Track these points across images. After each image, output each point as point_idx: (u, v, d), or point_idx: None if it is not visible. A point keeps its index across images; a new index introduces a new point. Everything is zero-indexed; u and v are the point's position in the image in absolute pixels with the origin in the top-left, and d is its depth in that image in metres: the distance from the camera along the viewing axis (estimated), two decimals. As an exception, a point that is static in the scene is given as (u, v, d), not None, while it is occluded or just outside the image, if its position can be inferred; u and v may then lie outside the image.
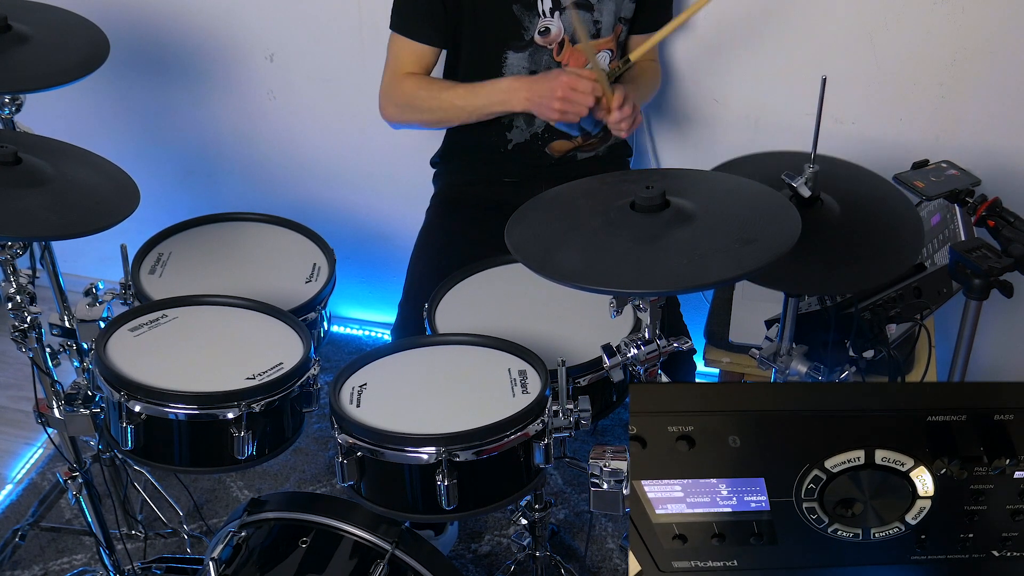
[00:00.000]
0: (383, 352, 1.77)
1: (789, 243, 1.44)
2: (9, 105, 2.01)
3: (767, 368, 1.74)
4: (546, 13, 2.15)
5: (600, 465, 1.54)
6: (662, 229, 1.49)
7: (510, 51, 2.17)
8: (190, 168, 2.94)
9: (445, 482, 1.55)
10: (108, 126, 2.89)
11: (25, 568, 2.32)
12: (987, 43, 2.26)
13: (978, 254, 1.57)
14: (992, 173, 2.11)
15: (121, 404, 1.63)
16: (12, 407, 2.78)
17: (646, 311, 1.57)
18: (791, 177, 1.56)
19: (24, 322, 1.85)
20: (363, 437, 1.58)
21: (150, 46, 2.71)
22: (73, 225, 1.62)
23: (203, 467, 1.74)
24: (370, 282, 2.94)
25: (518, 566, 2.13)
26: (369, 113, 2.27)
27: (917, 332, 1.94)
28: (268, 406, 1.65)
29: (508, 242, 1.54)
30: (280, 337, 1.78)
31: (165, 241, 2.04)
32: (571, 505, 2.47)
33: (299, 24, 2.62)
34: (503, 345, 1.74)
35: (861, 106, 2.39)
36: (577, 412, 1.62)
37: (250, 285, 1.91)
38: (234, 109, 2.79)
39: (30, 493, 2.51)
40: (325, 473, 2.55)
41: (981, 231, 1.69)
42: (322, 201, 2.85)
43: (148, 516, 2.38)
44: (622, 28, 2.24)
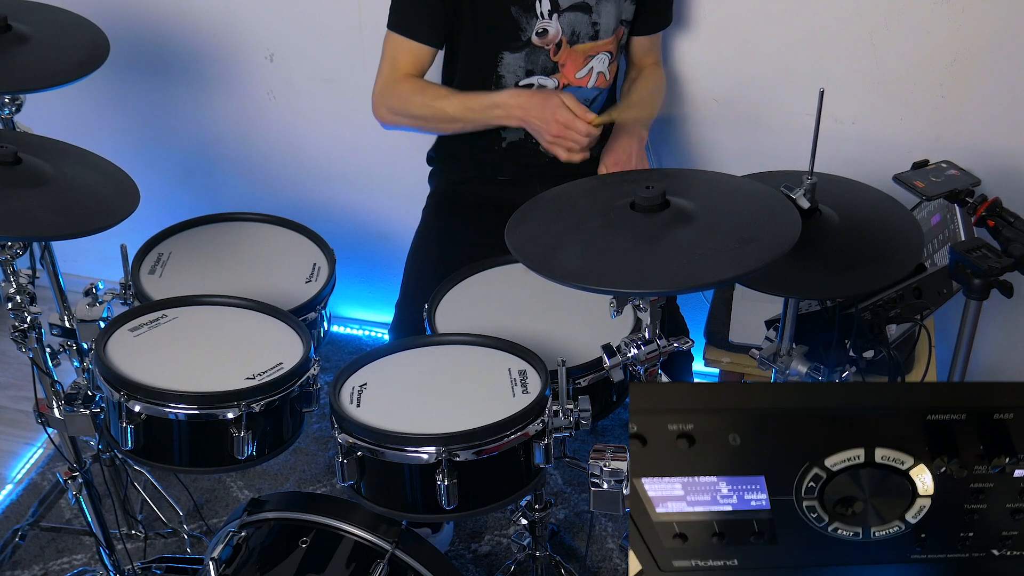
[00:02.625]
0: (383, 352, 1.77)
1: (789, 243, 1.44)
2: (9, 105, 2.01)
3: (767, 368, 1.74)
4: (544, 15, 2.14)
5: (600, 465, 1.54)
6: (662, 229, 1.49)
7: (506, 51, 2.17)
8: (190, 168, 2.94)
9: (445, 482, 1.55)
10: (108, 126, 2.89)
11: (25, 568, 2.32)
12: (987, 43, 2.26)
13: (978, 254, 1.57)
14: (992, 173, 2.11)
15: (121, 404, 1.63)
16: (12, 407, 2.79)
17: (646, 311, 1.57)
18: (790, 189, 1.57)
19: (24, 322, 1.85)
20: (363, 437, 1.58)
21: (150, 46, 2.72)
22: (73, 225, 1.63)
23: (203, 467, 1.74)
24: (370, 282, 2.94)
25: (518, 566, 2.13)
26: (369, 113, 2.27)
27: (917, 332, 1.94)
28: (268, 406, 1.65)
29: (508, 242, 1.54)
30: (280, 337, 1.78)
31: (165, 241, 2.04)
32: (571, 505, 2.47)
33: (299, 24, 2.62)
34: (503, 345, 1.74)
35: (861, 106, 2.39)
36: (577, 412, 1.62)
37: (250, 285, 1.91)
38: (234, 109, 2.79)
39: (30, 493, 2.51)
40: (325, 473, 2.55)
41: (981, 231, 1.69)
42: (322, 201, 2.85)
43: (148, 516, 2.38)
44: (623, 31, 2.24)
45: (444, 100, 2.16)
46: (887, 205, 1.69)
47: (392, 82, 2.18)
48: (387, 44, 2.19)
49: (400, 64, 2.18)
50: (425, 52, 2.17)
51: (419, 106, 2.17)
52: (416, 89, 2.17)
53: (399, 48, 2.17)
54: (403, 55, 2.17)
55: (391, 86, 2.19)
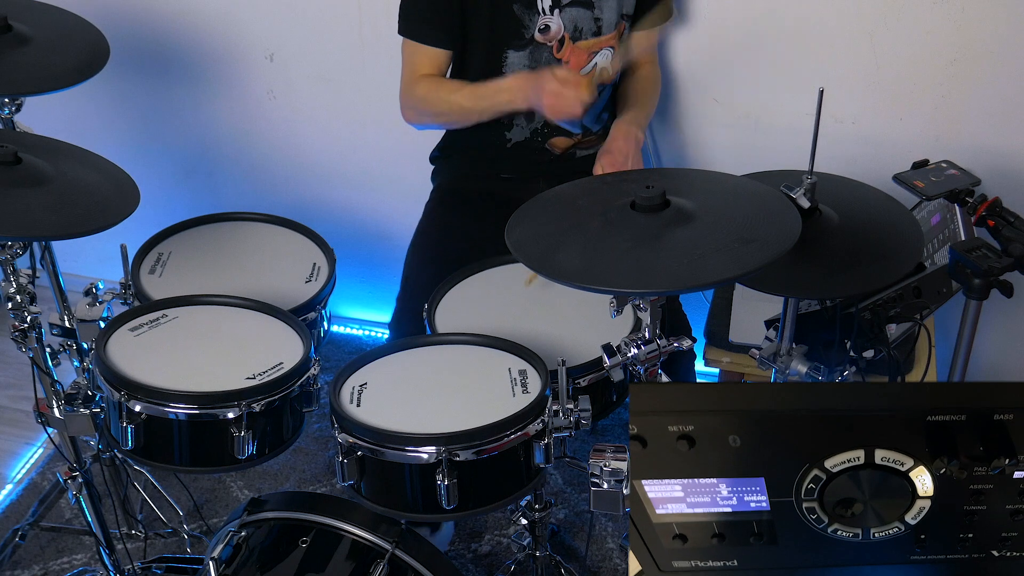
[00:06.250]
0: (383, 352, 1.77)
1: (789, 243, 1.44)
2: (9, 105, 2.01)
3: (767, 368, 1.74)
4: (545, 11, 2.15)
5: (600, 465, 1.54)
6: (662, 229, 1.49)
7: (511, 50, 2.17)
8: (190, 168, 2.94)
9: (445, 482, 1.55)
10: (108, 126, 2.89)
11: (25, 568, 2.32)
12: (987, 43, 2.26)
13: (978, 254, 1.57)
14: (992, 173, 2.11)
15: (121, 404, 1.63)
16: (12, 407, 2.79)
17: (646, 311, 1.57)
18: (790, 189, 1.57)
19: (24, 322, 1.85)
20: (363, 437, 1.58)
21: (150, 46, 2.72)
22: (73, 225, 1.62)
23: (203, 467, 1.74)
24: (370, 282, 2.94)
25: (518, 566, 2.13)
26: (369, 112, 2.27)
27: (917, 332, 1.94)
28: (268, 406, 1.65)
29: (508, 242, 1.54)
30: (280, 337, 1.78)
31: (165, 241, 2.04)
32: (571, 505, 2.47)
33: (299, 24, 2.62)
34: (503, 345, 1.74)
35: (861, 106, 2.39)
36: (577, 412, 1.62)
37: (250, 285, 1.91)
38: (234, 109, 2.79)
39: (30, 493, 2.51)
40: (325, 473, 2.55)
41: (981, 231, 1.69)
42: (322, 200, 2.85)
43: (148, 516, 2.38)
44: (625, 25, 2.24)
45: (457, 93, 2.19)
46: (887, 205, 1.69)
47: (411, 84, 2.21)
48: (404, 50, 2.21)
49: (418, 68, 2.20)
50: (441, 55, 2.19)
51: (436, 102, 2.20)
52: (432, 88, 2.20)
53: (415, 53, 2.19)
54: (420, 59, 2.19)
55: (411, 88, 2.21)
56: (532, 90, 2.07)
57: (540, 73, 2.10)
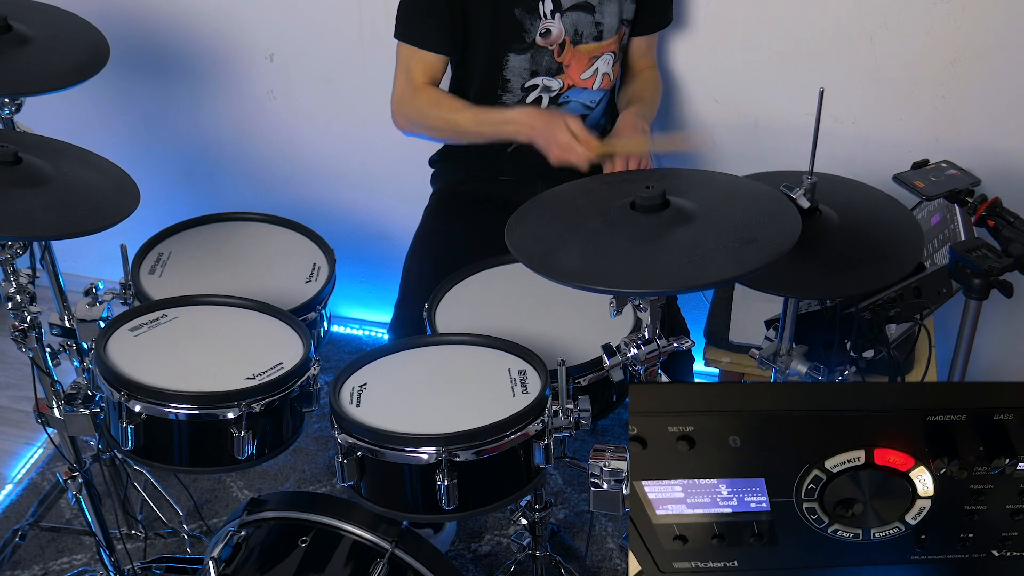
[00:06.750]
0: (383, 352, 1.77)
1: (789, 243, 1.44)
2: (9, 105, 2.01)
3: (767, 368, 1.74)
4: (547, 15, 2.15)
5: (600, 465, 1.54)
6: (662, 229, 1.49)
7: (512, 53, 2.17)
8: (190, 168, 2.94)
9: (445, 482, 1.55)
10: (108, 126, 2.89)
11: (25, 568, 2.32)
12: (987, 43, 2.26)
13: (978, 254, 1.57)
14: (992, 173, 2.11)
15: (121, 404, 1.63)
16: (12, 407, 2.79)
17: (646, 311, 1.57)
18: (790, 189, 1.57)
19: (24, 322, 1.85)
20: (363, 437, 1.58)
21: (150, 46, 2.72)
22: (73, 225, 1.62)
23: (203, 467, 1.74)
24: (370, 282, 2.94)
25: (518, 566, 2.13)
26: (369, 112, 2.27)
27: (917, 332, 1.94)
28: (268, 406, 1.65)
29: (508, 242, 1.54)
30: (280, 337, 1.78)
31: (165, 241, 2.04)
32: (571, 505, 2.47)
33: (299, 24, 2.62)
34: (503, 345, 1.74)
35: (861, 106, 2.39)
36: (577, 412, 1.62)
37: (250, 285, 1.91)
38: (234, 109, 2.79)
39: (30, 493, 2.51)
40: (325, 473, 2.55)
41: (981, 231, 1.69)
42: (322, 201, 2.85)
43: (148, 516, 2.38)
44: (625, 30, 2.24)
45: (459, 114, 2.18)
46: (887, 205, 1.69)
47: (408, 93, 2.19)
48: (399, 53, 2.20)
49: (414, 73, 2.18)
50: (437, 60, 2.18)
51: (434, 119, 2.19)
52: (432, 102, 2.19)
53: (411, 58, 2.18)
54: (416, 64, 2.18)
55: (408, 97, 2.20)
56: (541, 132, 2.06)
57: (552, 117, 2.08)
